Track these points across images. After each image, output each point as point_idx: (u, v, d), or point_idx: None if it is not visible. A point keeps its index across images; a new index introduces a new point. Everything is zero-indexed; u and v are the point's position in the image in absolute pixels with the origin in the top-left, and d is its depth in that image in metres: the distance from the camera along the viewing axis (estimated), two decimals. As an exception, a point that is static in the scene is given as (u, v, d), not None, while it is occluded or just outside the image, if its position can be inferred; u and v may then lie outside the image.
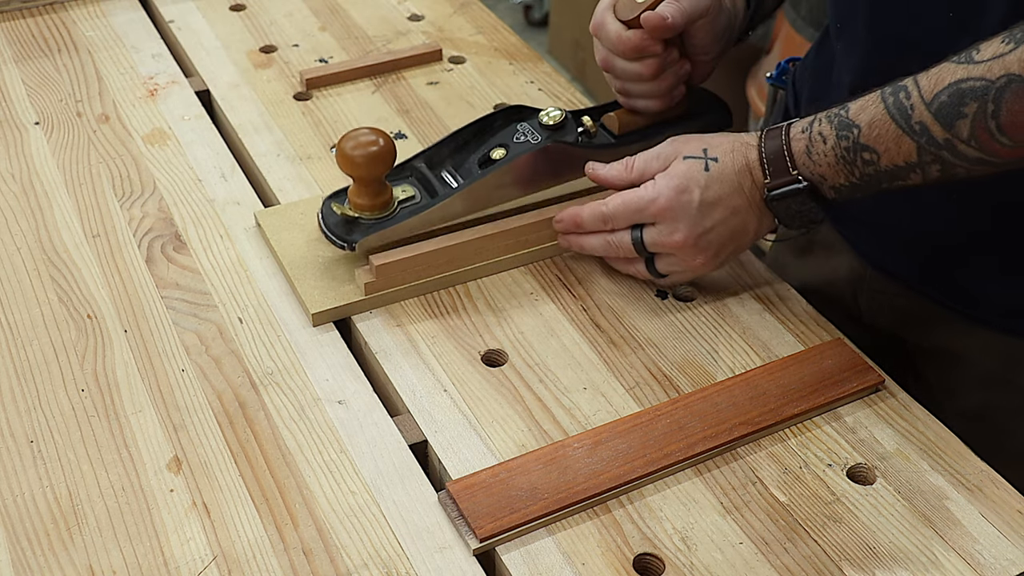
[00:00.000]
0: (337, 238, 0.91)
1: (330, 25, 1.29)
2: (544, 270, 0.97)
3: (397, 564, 0.73)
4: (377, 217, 0.92)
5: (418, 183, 0.96)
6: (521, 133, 0.97)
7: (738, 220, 0.88)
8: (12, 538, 0.74)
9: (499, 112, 0.99)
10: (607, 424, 0.82)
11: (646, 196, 0.88)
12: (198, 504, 0.76)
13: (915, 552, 0.74)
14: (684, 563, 0.73)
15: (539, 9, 3.38)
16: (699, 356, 0.89)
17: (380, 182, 0.91)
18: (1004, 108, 0.73)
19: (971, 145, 0.76)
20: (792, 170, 0.85)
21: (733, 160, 0.87)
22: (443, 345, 0.89)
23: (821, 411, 0.84)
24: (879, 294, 1.02)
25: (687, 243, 0.88)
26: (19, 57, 1.22)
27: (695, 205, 0.87)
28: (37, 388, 0.84)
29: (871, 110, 0.81)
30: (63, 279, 0.94)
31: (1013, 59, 0.72)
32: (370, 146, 0.88)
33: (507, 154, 0.96)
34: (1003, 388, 0.97)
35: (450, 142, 0.98)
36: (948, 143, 0.77)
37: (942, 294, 0.97)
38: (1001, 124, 0.74)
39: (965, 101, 0.75)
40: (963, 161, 0.77)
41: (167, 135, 1.11)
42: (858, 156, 0.82)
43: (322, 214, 0.93)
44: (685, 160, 0.88)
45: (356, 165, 0.88)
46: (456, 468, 0.79)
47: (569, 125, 0.97)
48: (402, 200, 0.94)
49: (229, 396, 0.84)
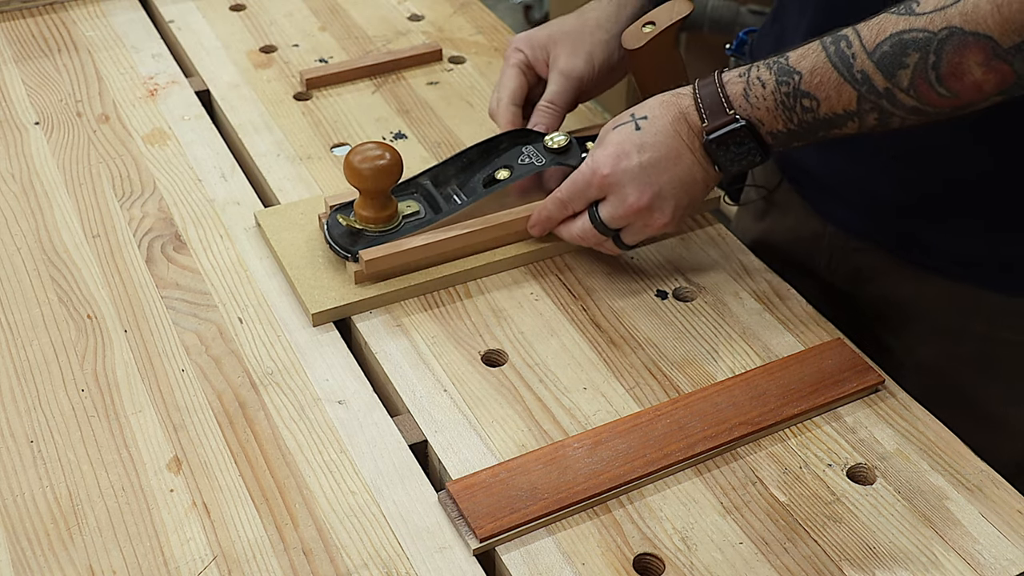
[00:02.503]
0: (341, 249, 0.93)
1: (330, 25, 1.29)
2: (544, 270, 0.97)
3: (397, 564, 0.73)
4: (381, 230, 0.93)
5: (423, 199, 0.97)
6: (526, 155, 0.98)
7: (683, 170, 0.87)
8: (12, 538, 0.74)
9: (505, 134, 1.00)
10: (607, 424, 0.82)
11: (587, 171, 0.89)
12: (198, 504, 0.76)
13: (915, 552, 0.74)
14: (684, 563, 0.73)
15: (539, 9, 3.38)
16: (699, 356, 0.89)
17: (386, 195, 0.93)
18: (945, 60, 0.75)
19: (910, 94, 0.77)
20: (729, 110, 0.85)
21: (664, 112, 0.88)
22: (443, 345, 0.89)
23: (821, 411, 0.84)
24: (838, 250, 1.04)
25: (640, 206, 0.88)
26: (19, 57, 1.22)
27: (636, 166, 0.87)
28: (37, 388, 0.84)
29: (812, 58, 0.81)
30: (63, 279, 0.94)
31: (955, 12, 0.74)
32: (377, 160, 0.90)
33: (511, 175, 0.97)
34: (959, 336, 0.99)
35: (456, 161, 0.99)
36: (888, 92, 0.78)
37: (896, 245, 0.99)
38: (941, 75, 0.75)
39: (907, 51, 0.76)
40: (900, 110, 0.79)
41: (167, 135, 1.11)
42: (798, 103, 0.82)
43: (328, 225, 0.94)
44: (615, 129, 0.89)
45: (363, 178, 0.90)
46: (456, 468, 0.79)
47: (573, 149, 0.98)
48: (407, 215, 0.95)
49: (229, 396, 0.84)
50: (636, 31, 0.96)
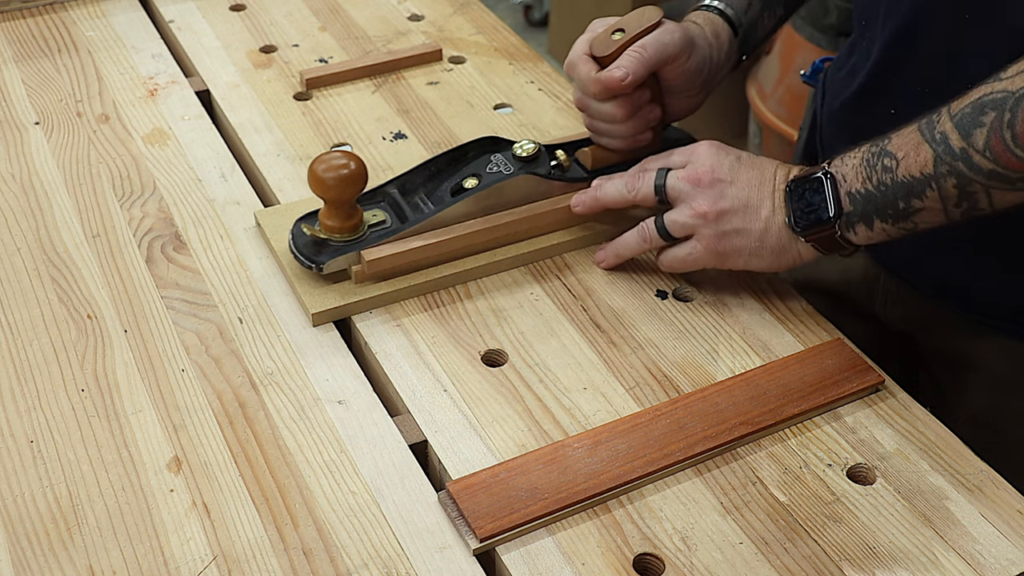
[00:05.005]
0: (305, 258, 0.92)
1: (330, 25, 1.29)
2: (544, 270, 0.97)
3: (397, 564, 0.73)
4: (346, 240, 0.92)
5: (390, 208, 0.96)
6: (494, 164, 0.97)
7: (756, 195, 0.87)
8: (12, 538, 0.74)
9: (473, 142, 0.99)
10: (607, 424, 0.82)
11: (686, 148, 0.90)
12: (198, 504, 0.76)
13: (915, 552, 0.74)
14: (684, 563, 0.73)
15: (539, 9, 3.38)
16: (699, 356, 0.89)
17: (351, 205, 0.92)
18: (1020, 117, 0.73)
19: (986, 156, 0.75)
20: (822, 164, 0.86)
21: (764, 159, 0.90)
22: (443, 345, 0.89)
23: (821, 411, 0.84)
24: (892, 296, 1.02)
25: (703, 177, 0.88)
26: (19, 57, 1.22)
27: (729, 156, 0.89)
28: (37, 388, 0.84)
29: (905, 129, 0.81)
30: (63, 279, 0.94)
31: None
32: (341, 169, 0.89)
33: (479, 183, 0.96)
34: (1014, 392, 0.97)
35: (423, 170, 0.98)
36: (963, 152, 0.76)
37: (956, 301, 0.97)
38: (1016, 134, 0.73)
39: (985, 111, 0.75)
40: (978, 176, 0.76)
41: (167, 135, 1.11)
42: (880, 161, 0.81)
43: (292, 235, 0.94)
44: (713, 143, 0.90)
45: (327, 187, 0.89)
46: (456, 468, 0.79)
47: (543, 158, 0.98)
48: (372, 224, 0.94)
49: (229, 396, 0.84)
50: (605, 38, 0.94)
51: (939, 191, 0.78)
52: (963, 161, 0.76)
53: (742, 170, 0.88)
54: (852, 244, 0.86)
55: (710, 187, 0.88)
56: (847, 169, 0.84)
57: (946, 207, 0.79)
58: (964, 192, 0.78)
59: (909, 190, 0.80)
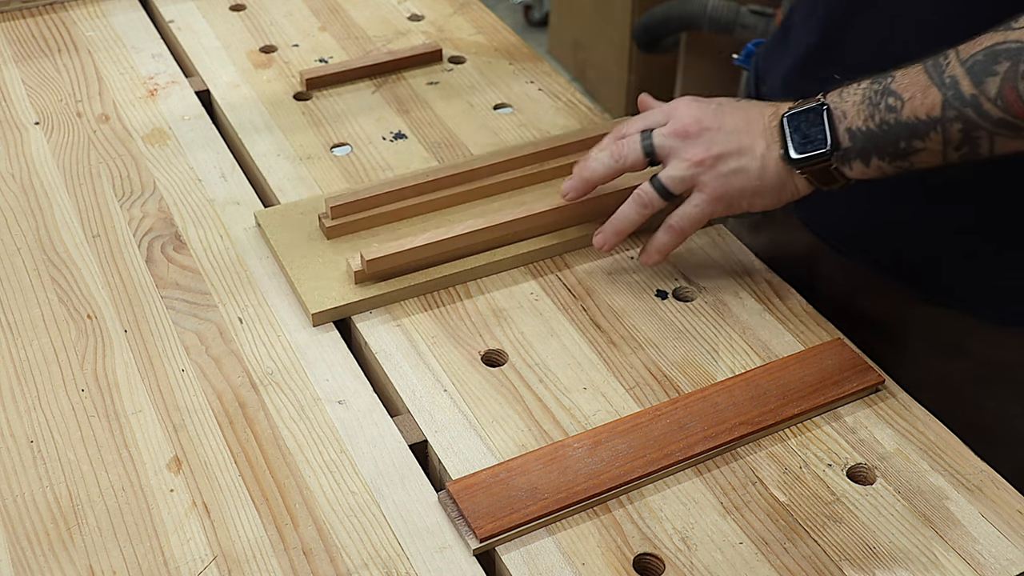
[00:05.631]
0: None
1: (330, 25, 1.29)
2: (544, 270, 0.97)
3: (397, 564, 0.73)
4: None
5: None
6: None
7: (747, 136, 0.87)
8: (12, 538, 0.74)
9: None
10: (607, 424, 0.82)
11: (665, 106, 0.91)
12: (198, 504, 0.76)
13: (915, 552, 0.74)
14: (684, 563, 0.73)
15: (539, 9, 3.38)
16: (699, 356, 0.89)
17: None
18: None
19: (997, 104, 0.76)
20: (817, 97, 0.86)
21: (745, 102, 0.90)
22: (443, 345, 0.89)
23: (821, 411, 0.84)
24: (832, 268, 1.03)
25: (690, 128, 0.87)
26: (19, 57, 1.22)
27: (711, 105, 0.88)
28: (37, 388, 0.84)
29: (910, 68, 0.81)
30: (63, 279, 0.94)
31: None
32: None
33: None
34: (955, 356, 0.98)
35: None
36: (974, 99, 0.76)
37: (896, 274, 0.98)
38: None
39: (998, 60, 0.75)
40: (986, 122, 0.77)
41: (167, 135, 1.11)
42: (883, 100, 0.81)
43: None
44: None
45: None
46: (456, 468, 0.79)
47: None
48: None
49: (229, 396, 0.84)
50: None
51: (943, 134, 0.79)
52: (973, 107, 0.77)
53: (726, 115, 0.88)
54: (846, 178, 0.86)
55: (699, 136, 0.88)
56: (847, 106, 0.84)
57: (946, 150, 0.80)
58: (968, 137, 0.78)
59: (913, 131, 0.80)
